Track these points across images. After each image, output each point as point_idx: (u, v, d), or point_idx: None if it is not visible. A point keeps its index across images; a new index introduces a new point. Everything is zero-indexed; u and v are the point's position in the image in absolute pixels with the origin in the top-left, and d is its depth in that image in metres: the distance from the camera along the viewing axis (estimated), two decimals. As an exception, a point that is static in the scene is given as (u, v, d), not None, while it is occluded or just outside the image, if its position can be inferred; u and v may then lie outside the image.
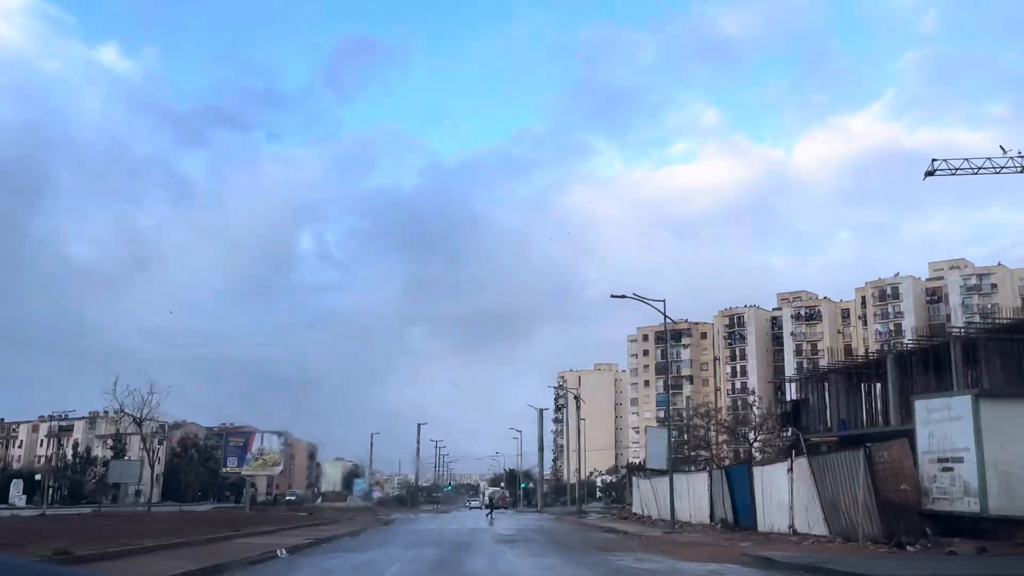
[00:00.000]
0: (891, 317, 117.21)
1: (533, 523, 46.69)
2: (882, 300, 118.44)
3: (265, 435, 54.75)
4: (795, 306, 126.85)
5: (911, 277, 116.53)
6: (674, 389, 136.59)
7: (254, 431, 54.67)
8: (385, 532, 37.42)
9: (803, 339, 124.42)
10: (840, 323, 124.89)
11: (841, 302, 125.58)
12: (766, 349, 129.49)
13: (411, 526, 43.69)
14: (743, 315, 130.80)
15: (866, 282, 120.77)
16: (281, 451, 55.34)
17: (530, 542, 28.42)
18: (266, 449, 54.51)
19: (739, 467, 31.73)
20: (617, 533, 33.61)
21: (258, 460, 54.06)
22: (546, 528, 39.20)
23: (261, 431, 54.77)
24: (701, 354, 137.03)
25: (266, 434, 54.81)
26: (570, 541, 28.60)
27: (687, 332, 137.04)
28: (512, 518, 56.06)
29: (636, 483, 46.86)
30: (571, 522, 47.69)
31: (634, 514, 47.24)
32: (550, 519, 54.89)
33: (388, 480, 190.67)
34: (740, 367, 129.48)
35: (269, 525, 36.43)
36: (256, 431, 54.67)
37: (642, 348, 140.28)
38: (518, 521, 49.60)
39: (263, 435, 54.63)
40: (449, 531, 37.42)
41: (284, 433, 56.18)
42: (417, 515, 65.44)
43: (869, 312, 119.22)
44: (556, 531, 36.05)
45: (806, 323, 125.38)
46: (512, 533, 34.37)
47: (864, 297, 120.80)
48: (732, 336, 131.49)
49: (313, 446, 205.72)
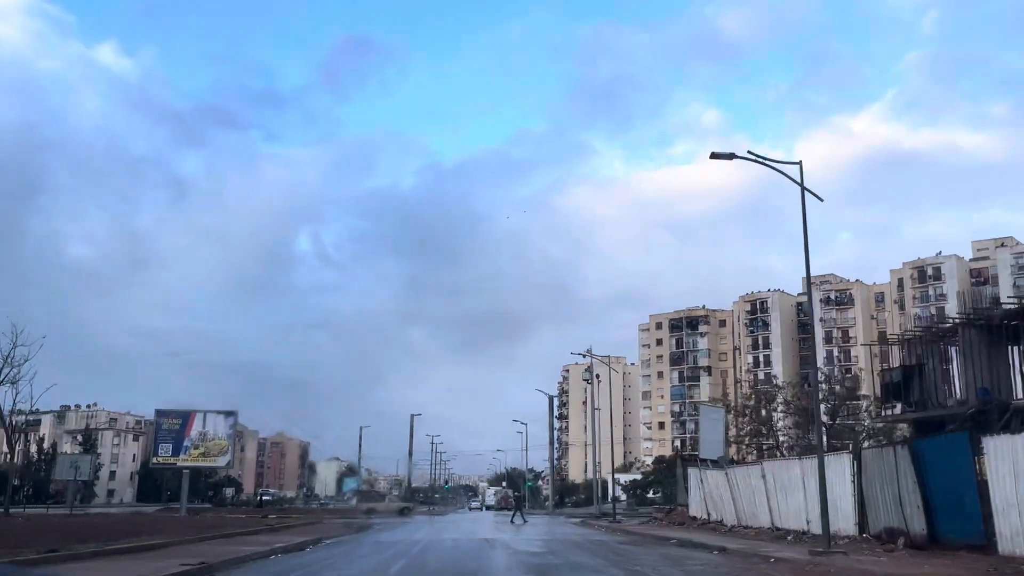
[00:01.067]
0: (932, 300, 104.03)
1: (559, 532, 33.41)
2: (922, 282, 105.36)
3: (208, 415, 41.40)
4: (824, 289, 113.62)
5: (955, 256, 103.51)
6: (690, 381, 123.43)
7: (194, 410, 41.39)
8: (343, 547, 24.19)
9: (833, 325, 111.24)
10: (874, 308, 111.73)
11: (874, 285, 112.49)
12: (791, 337, 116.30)
13: (391, 535, 30.53)
14: (766, 300, 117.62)
15: (903, 262, 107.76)
16: (229, 436, 41.95)
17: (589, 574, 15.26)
18: (209, 433, 41.24)
19: (942, 439, 18.43)
20: (712, 551, 20.37)
21: (199, 448, 40.87)
22: (587, 542, 25.89)
23: (204, 410, 41.55)
24: (720, 343, 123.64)
25: (209, 414, 41.45)
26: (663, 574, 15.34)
27: (704, 319, 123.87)
28: (519, 524, 42.87)
29: (698, 477, 33.57)
30: (611, 530, 34.37)
31: (694, 518, 34.00)
32: (575, 525, 41.59)
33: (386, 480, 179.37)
34: (764, 356, 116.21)
35: (184, 534, 23.74)
36: (197, 410, 41.42)
37: (655, 337, 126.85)
38: (536, 529, 36.31)
39: (205, 415, 41.31)
40: (440, 546, 24.20)
41: (233, 413, 42.74)
42: (409, 518, 53.34)
43: (907, 295, 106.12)
44: (610, 548, 22.75)
45: (836, 308, 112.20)
46: (542, 550, 21.18)
47: (901, 279, 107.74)
48: (754, 323, 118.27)
49: (305, 445, 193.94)
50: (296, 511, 61.75)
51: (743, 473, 28.71)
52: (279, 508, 69.55)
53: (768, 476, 26.04)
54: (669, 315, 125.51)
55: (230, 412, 42.42)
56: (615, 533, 31.69)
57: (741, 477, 28.60)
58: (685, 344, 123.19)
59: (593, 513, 60.36)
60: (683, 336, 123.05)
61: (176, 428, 41.22)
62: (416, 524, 43.69)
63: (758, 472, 27.00)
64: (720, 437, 41.25)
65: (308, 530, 32.48)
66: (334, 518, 52.16)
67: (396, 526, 41.17)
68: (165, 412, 41.35)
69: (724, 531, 28.85)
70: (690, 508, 35.16)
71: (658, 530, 31.45)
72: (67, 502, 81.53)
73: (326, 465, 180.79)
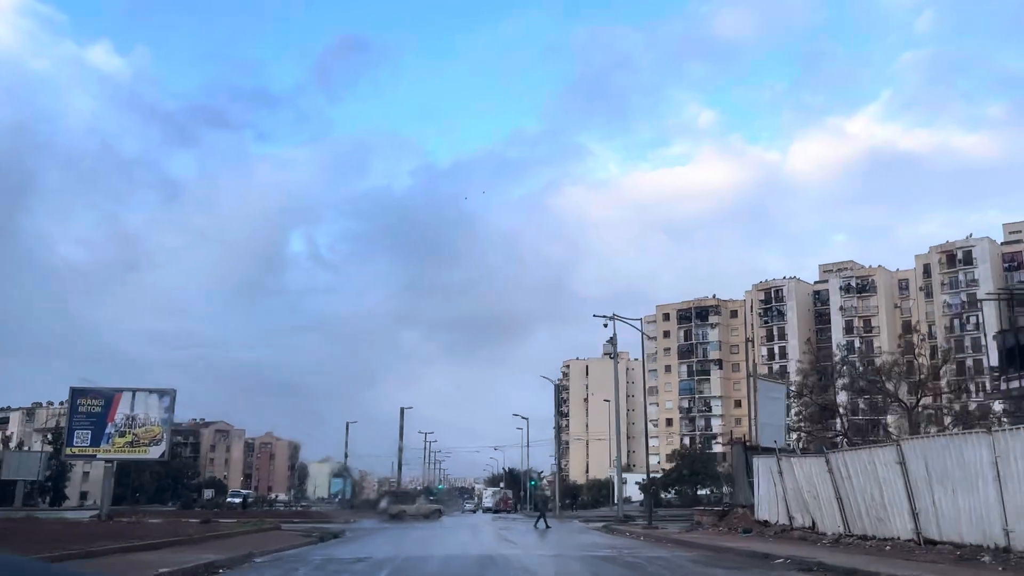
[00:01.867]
0: (963, 286, 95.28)
1: (588, 543, 24.43)
2: (951, 266, 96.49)
3: (139, 395, 32.02)
4: (844, 276, 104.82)
5: (987, 239, 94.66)
6: (700, 376, 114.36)
7: (120, 389, 32.08)
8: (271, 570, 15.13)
9: (854, 314, 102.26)
10: (897, 296, 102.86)
11: (898, 272, 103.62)
12: (808, 328, 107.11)
13: (356, 548, 21.71)
14: (782, 288, 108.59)
15: (930, 247, 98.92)
16: (165, 421, 32.62)
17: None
18: (139, 417, 32.01)
19: None
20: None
21: (125, 436, 31.64)
22: (645, 560, 16.80)
23: (132, 388, 32.22)
24: (731, 335, 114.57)
25: (140, 394, 32.07)
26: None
27: (715, 310, 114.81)
28: (534, 531, 33.88)
29: (773, 468, 24.54)
30: (655, 539, 25.34)
31: (764, 523, 25.04)
32: (600, 532, 32.55)
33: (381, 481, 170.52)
34: (779, 348, 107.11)
35: (40, 550, 14.70)
36: (123, 389, 32.10)
37: (662, 329, 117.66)
38: (558, 538, 27.27)
39: (135, 395, 31.96)
40: (421, 570, 15.14)
41: (170, 392, 33.23)
42: (389, 524, 44.59)
43: (935, 281, 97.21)
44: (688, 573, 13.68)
45: (858, 296, 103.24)
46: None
47: (927, 265, 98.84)
48: (768, 313, 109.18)
49: (296, 445, 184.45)
50: (271, 514, 52.84)
51: (860, 460, 19.65)
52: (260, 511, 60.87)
53: (915, 462, 17.02)
54: (677, 305, 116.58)
55: (166, 391, 33.04)
56: (666, 545, 22.65)
57: (857, 465, 19.55)
58: (694, 336, 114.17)
59: (612, 516, 51.45)
60: (692, 328, 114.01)
61: (97, 411, 32.01)
62: (400, 531, 34.72)
63: (892, 456, 17.98)
64: (781, 421, 32.40)
65: (248, 541, 23.52)
66: (309, 521, 43.16)
67: (375, 534, 32.18)
68: (83, 391, 32.01)
69: (827, 542, 19.87)
70: (758, 510, 26.10)
71: (723, 540, 22.47)
72: (14, 504, 72.63)
73: (318, 466, 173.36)
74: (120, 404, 32.11)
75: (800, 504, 22.97)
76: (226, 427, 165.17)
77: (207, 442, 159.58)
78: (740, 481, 28.64)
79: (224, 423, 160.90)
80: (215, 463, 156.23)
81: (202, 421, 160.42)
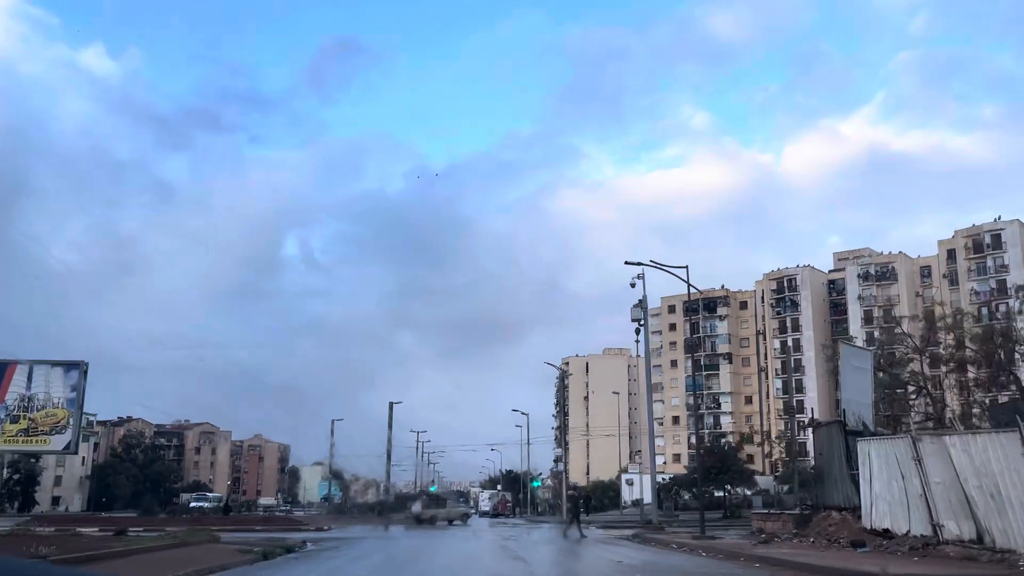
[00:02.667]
0: (991, 272, 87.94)
1: (638, 561, 16.55)
2: (978, 252, 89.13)
3: (37, 369, 24.14)
4: (862, 264, 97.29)
5: (1017, 221, 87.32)
6: (708, 371, 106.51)
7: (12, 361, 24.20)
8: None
9: (874, 303, 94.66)
10: (919, 284, 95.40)
11: (919, 258, 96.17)
12: (823, 319, 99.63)
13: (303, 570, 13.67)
14: (795, 277, 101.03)
15: (955, 231, 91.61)
16: (71, 403, 24.67)
17: None
18: (39, 398, 24.18)
19: None
20: None
21: (19, 421, 23.83)
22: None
23: (29, 361, 24.40)
24: (741, 328, 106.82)
25: (39, 367, 24.17)
26: None
27: (723, 301, 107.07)
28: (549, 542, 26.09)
29: (901, 455, 16.74)
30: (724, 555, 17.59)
31: (878, 531, 17.31)
32: (631, 543, 24.73)
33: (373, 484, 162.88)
34: (793, 341, 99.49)
35: None
36: (17, 361, 24.27)
37: (667, 322, 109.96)
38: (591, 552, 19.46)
39: (31, 369, 24.06)
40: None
41: (78, 365, 25.23)
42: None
43: (960, 268, 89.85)
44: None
45: (877, 284, 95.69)
46: None
47: (952, 250, 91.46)
48: (781, 303, 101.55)
49: (285, 448, 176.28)
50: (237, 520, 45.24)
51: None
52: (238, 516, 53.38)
53: None
54: (683, 297, 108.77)
55: (74, 363, 24.97)
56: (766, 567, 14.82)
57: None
58: (702, 329, 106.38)
59: (626, 521, 43.81)
60: (699, 320, 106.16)
61: (-18, 389, 24.23)
62: (386, 541, 27.12)
63: None
64: (869, 397, 24.80)
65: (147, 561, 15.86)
66: (271, 529, 35.38)
67: (347, 546, 24.46)
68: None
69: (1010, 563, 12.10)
70: (866, 516, 18.33)
71: (837, 559, 14.76)
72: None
73: (310, 470, 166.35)
74: (13, 380, 24.32)
75: (958, 505, 15.20)
76: (212, 428, 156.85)
77: (191, 444, 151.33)
78: (837, 475, 20.84)
79: (209, 424, 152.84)
80: (200, 466, 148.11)
81: (186, 422, 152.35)
